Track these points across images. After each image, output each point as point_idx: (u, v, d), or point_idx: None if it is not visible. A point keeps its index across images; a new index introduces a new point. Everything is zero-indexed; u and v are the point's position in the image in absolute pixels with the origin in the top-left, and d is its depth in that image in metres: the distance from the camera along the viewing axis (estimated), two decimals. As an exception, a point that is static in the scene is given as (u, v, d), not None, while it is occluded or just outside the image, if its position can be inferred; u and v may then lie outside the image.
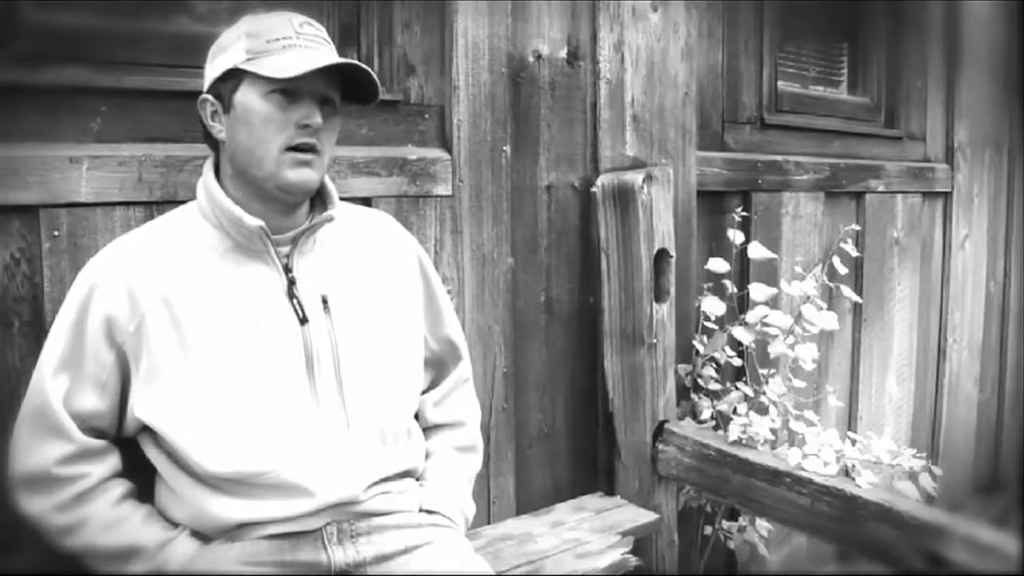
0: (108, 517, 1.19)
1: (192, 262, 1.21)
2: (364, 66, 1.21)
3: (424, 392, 1.48)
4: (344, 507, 1.25)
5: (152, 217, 1.39)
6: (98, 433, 1.22)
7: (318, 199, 1.33)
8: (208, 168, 1.26)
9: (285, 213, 1.26)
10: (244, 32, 1.19)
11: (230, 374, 1.19)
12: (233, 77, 1.19)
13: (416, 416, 1.46)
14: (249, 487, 1.20)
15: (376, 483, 1.29)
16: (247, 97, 1.18)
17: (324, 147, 1.22)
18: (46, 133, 1.35)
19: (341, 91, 1.25)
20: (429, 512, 1.37)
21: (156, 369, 1.18)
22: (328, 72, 1.18)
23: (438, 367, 1.51)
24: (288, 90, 1.17)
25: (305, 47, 1.18)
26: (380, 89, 1.25)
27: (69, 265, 1.34)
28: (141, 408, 1.19)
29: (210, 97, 1.22)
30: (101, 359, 1.19)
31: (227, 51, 1.20)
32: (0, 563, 1.30)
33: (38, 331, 1.33)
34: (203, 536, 1.23)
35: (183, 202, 1.32)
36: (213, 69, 1.22)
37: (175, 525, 1.23)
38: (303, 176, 1.20)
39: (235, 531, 1.22)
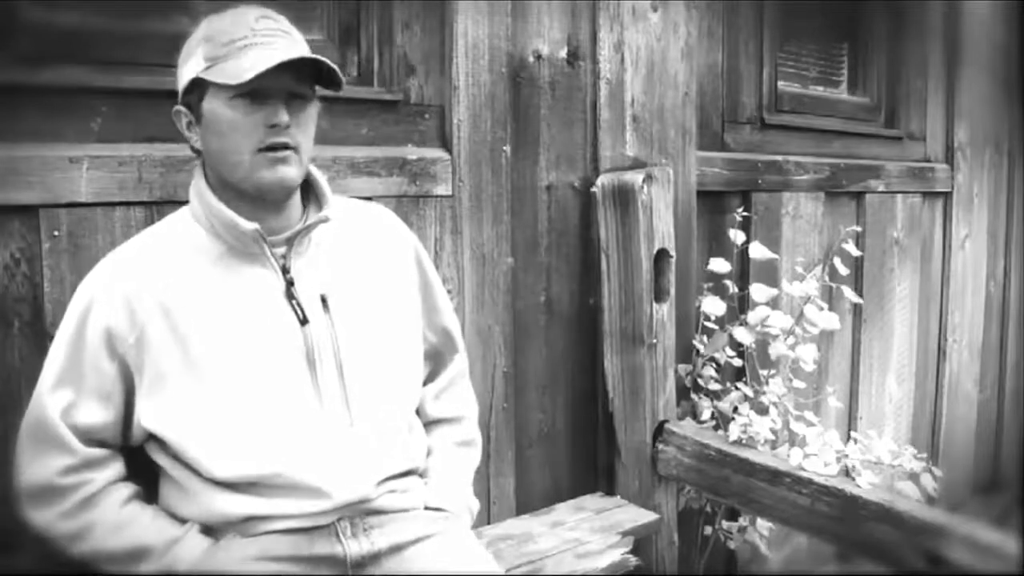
0: (115, 519, 1.19)
1: (189, 269, 1.21)
2: (317, 56, 1.17)
3: (423, 384, 1.48)
4: (355, 505, 1.25)
5: (152, 217, 1.39)
6: (101, 444, 1.22)
7: (312, 197, 1.33)
8: (199, 173, 1.26)
9: (277, 213, 1.25)
10: (203, 37, 1.17)
11: (233, 379, 1.19)
12: (198, 87, 1.18)
13: (416, 410, 1.46)
14: (261, 487, 1.20)
15: (382, 481, 1.29)
16: (213, 105, 1.17)
17: (299, 141, 1.20)
18: (46, 133, 1.35)
19: (313, 80, 1.22)
20: (436, 510, 1.37)
21: (159, 379, 1.18)
22: (293, 65, 1.15)
23: (436, 359, 1.51)
24: (252, 92, 1.15)
25: (262, 44, 1.15)
26: (341, 75, 1.20)
27: (69, 265, 1.34)
28: (147, 418, 1.19)
29: (182, 108, 1.22)
30: (103, 371, 1.18)
31: (189, 60, 1.18)
32: (0, 563, 1.30)
33: (38, 331, 1.33)
34: (212, 531, 1.22)
35: (183, 202, 1.32)
36: (180, 79, 1.21)
37: (183, 523, 1.22)
38: (279, 174, 1.19)
39: (244, 524, 1.21)
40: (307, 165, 1.25)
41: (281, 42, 1.18)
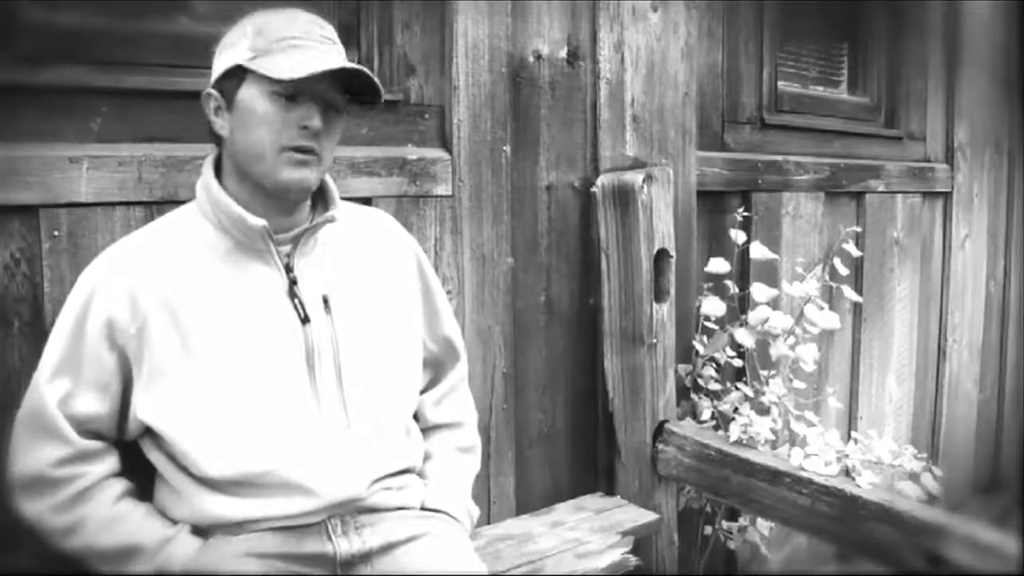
0: (107, 516, 1.18)
1: (193, 263, 1.21)
2: (366, 70, 1.20)
3: (422, 392, 1.48)
4: (346, 504, 1.25)
5: (152, 217, 1.39)
6: (96, 436, 1.22)
7: (319, 198, 1.33)
8: (208, 167, 1.26)
9: (286, 212, 1.26)
10: (250, 29, 1.18)
11: (232, 374, 1.19)
12: (237, 74, 1.18)
13: (415, 415, 1.46)
14: (252, 487, 1.20)
15: (376, 480, 1.29)
16: (249, 95, 1.18)
17: (323, 149, 1.22)
18: (46, 133, 1.35)
19: (345, 93, 1.24)
20: (436, 511, 1.36)
21: (158, 371, 1.18)
22: (331, 74, 1.17)
23: (436, 367, 1.51)
24: (290, 91, 1.17)
25: (310, 47, 1.18)
26: (383, 92, 1.24)
27: (69, 265, 1.34)
28: (144, 410, 1.19)
29: (214, 92, 1.21)
30: (102, 361, 1.18)
31: (233, 48, 1.19)
32: (0, 563, 1.30)
33: (38, 331, 1.33)
34: (204, 533, 1.22)
35: (183, 202, 1.32)
36: (218, 65, 1.21)
37: (175, 523, 1.22)
38: (299, 176, 1.20)
39: (234, 528, 1.21)
40: (325, 172, 1.27)
41: (328, 49, 1.20)
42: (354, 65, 1.19)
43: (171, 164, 1.43)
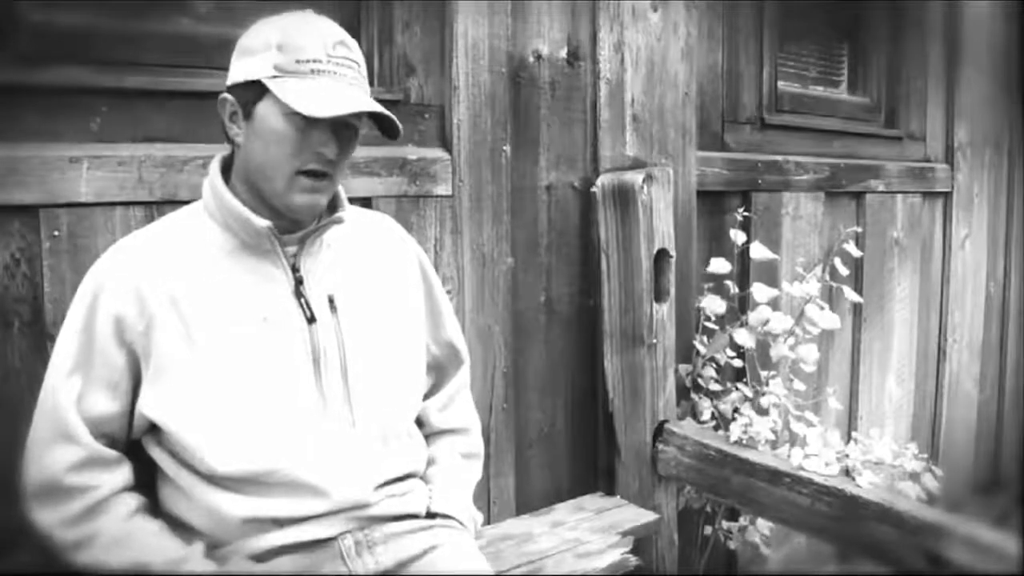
0: (118, 532, 1.17)
1: (199, 261, 1.21)
2: (388, 114, 1.18)
3: (426, 397, 1.48)
4: (355, 511, 1.25)
5: (152, 217, 1.39)
6: (110, 441, 1.21)
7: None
8: (216, 167, 1.25)
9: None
10: (275, 42, 1.15)
11: (238, 372, 1.19)
12: (257, 86, 1.16)
13: (419, 421, 1.45)
14: (258, 485, 1.19)
15: (382, 485, 1.29)
16: (267, 112, 1.16)
17: (336, 172, 1.21)
18: (46, 133, 1.35)
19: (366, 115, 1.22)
20: (444, 516, 1.36)
21: (164, 367, 1.18)
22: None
23: (439, 371, 1.51)
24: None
25: (334, 74, 1.15)
26: (401, 131, 1.23)
27: (69, 265, 1.34)
28: (149, 406, 1.18)
29: (231, 98, 1.19)
30: (112, 360, 1.18)
31: (254, 57, 1.16)
32: (0, 563, 1.29)
33: (38, 331, 1.33)
34: (216, 543, 1.21)
35: (184, 202, 1.32)
36: (237, 72, 1.19)
37: (188, 531, 1.21)
38: (311, 200, 1.20)
39: (246, 528, 1.20)
40: (335, 189, 1.26)
41: (351, 75, 1.18)
42: (379, 108, 1.17)
43: (171, 164, 1.43)
